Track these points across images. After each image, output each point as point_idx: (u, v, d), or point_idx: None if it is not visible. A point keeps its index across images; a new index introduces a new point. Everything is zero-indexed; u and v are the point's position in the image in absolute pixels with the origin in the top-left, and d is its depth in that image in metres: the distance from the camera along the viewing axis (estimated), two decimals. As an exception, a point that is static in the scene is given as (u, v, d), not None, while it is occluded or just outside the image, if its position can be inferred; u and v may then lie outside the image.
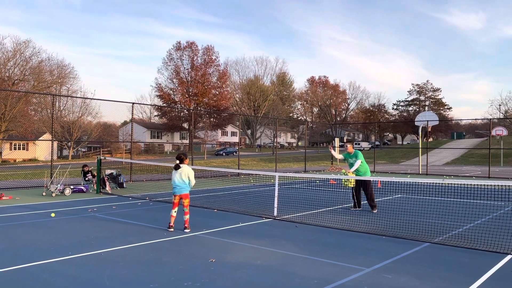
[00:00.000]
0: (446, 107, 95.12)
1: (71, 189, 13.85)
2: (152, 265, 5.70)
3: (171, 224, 8.05)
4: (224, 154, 63.15)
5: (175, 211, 8.07)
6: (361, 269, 5.61)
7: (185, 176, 8.03)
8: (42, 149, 51.76)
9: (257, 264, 5.80)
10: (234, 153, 62.13)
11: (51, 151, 16.79)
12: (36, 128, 42.18)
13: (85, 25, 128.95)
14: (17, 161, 49.29)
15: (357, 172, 10.91)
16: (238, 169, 24.57)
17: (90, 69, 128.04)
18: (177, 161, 8.05)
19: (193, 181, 8.14)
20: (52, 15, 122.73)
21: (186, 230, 7.93)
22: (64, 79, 51.32)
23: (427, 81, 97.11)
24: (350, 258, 6.19)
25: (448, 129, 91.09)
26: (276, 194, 9.98)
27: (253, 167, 34.11)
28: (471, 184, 15.31)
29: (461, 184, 16.44)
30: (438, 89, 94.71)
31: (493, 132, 39.37)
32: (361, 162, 10.81)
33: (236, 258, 6.12)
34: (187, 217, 8.07)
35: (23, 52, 42.49)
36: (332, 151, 12.27)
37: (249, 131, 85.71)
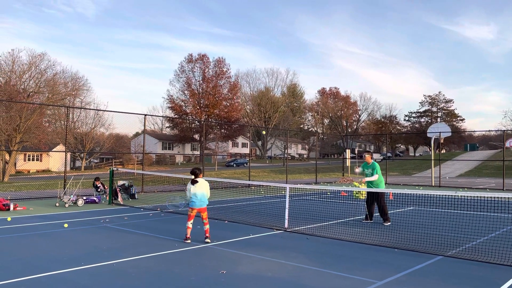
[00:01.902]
0: (458, 118, 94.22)
1: (84, 200, 13.99)
2: (164, 276, 5.72)
3: (188, 236, 8.10)
4: (234, 165, 63.25)
5: (191, 223, 8.14)
6: (373, 282, 5.56)
7: (203, 189, 8.13)
8: (55, 160, 52.42)
9: (268, 276, 5.79)
10: (245, 164, 62.16)
11: (65, 162, 17.02)
12: (50, 140, 42.75)
13: (98, 38, 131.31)
14: (31, 172, 49.99)
15: (370, 183, 10.82)
16: (249, 180, 24.57)
17: (103, 81, 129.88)
18: (193, 176, 8.14)
19: (208, 194, 8.27)
20: (67, 29, 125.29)
21: (207, 240, 8.02)
22: (78, 91, 52.09)
23: (439, 92, 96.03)
24: (362, 270, 6.14)
25: (461, 141, 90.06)
26: (287, 206, 9.97)
27: (263, 179, 34.08)
28: (485, 197, 15.10)
29: (474, 197, 16.20)
30: (450, 100, 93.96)
31: (507, 144, 38.81)
32: (379, 176, 10.70)
33: (247, 270, 6.11)
34: (207, 227, 8.16)
35: (38, 65, 43.32)
36: (357, 170, 11.78)
37: (259, 143, 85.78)
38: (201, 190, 8.07)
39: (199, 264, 6.36)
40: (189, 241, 8.06)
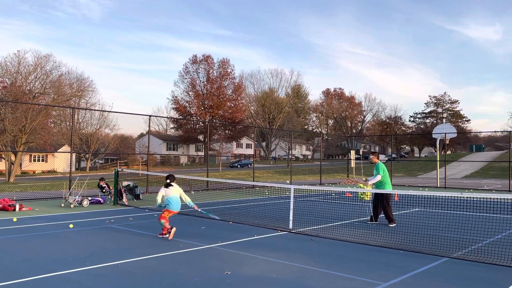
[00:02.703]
0: (464, 119, 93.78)
1: (89, 200, 14.05)
2: (169, 277, 5.73)
3: (169, 226, 8.43)
4: (239, 166, 63.23)
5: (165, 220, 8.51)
6: (378, 284, 5.53)
7: (177, 193, 8.63)
8: (60, 161, 52.68)
9: (273, 277, 5.78)
10: (249, 165, 62.15)
11: (70, 163, 17.08)
12: (55, 140, 42.94)
13: (103, 39, 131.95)
14: (36, 172, 50.24)
15: (377, 184, 10.75)
16: (253, 181, 24.56)
17: (108, 83, 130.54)
18: (168, 180, 8.62)
19: (187, 197, 8.79)
20: (72, 30, 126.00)
21: (167, 236, 8.39)
22: (83, 92, 52.30)
23: (445, 93, 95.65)
24: (367, 272, 6.12)
25: (466, 142, 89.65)
26: (291, 207, 9.95)
27: (268, 180, 34.06)
28: (490, 198, 15.01)
29: (480, 198, 16.12)
30: (456, 101, 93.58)
31: (513, 145, 38.52)
32: (382, 176, 10.65)
33: (251, 271, 6.11)
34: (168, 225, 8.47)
35: (43, 66, 43.50)
36: (368, 183, 11.22)
37: (264, 143, 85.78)
38: (175, 193, 8.57)
39: (204, 265, 6.37)
40: (175, 228, 8.36)
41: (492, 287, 5.52)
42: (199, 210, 9.17)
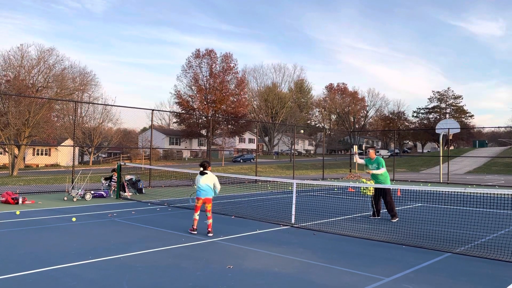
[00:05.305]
0: (467, 114, 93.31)
1: (92, 194, 14.08)
2: (171, 270, 5.73)
3: (194, 227, 8.28)
4: (241, 161, 63.28)
5: (197, 215, 8.33)
6: (381, 279, 5.52)
7: (209, 181, 8.33)
8: (64, 154, 52.85)
9: (275, 272, 5.77)
10: (252, 160, 62.18)
11: (73, 157, 17.11)
12: (58, 134, 43.03)
13: (107, 34, 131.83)
14: (39, 166, 50.40)
15: (376, 179, 10.74)
16: (256, 176, 24.55)
17: (111, 77, 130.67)
18: (201, 168, 8.40)
19: (218, 186, 8.46)
20: (75, 25, 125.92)
21: (210, 234, 8.12)
22: (86, 86, 52.29)
23: (448, 88, 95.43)
24: (369, 267, 6.10)
25: (470, 137, 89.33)
26: (293, 202, 9.94)
27: (270, 174, 34.04)
28: (494, 194, 14.96)
29: (483, 193, 16.06)
30: (459, 97, 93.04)
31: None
32: (384, 170, 10.65)
33: (253, 265, 6.10)
34: (210, 221, 8.27)
35: (46, 60, 43.47)
36: (356, 156, 12.00)
37: (266, 138, 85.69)
38: (206, 181, 8.28)
39: (206, 259, 6.36)
40: (195, 232, 8.19)
41: (495, 282, 5.50)
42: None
